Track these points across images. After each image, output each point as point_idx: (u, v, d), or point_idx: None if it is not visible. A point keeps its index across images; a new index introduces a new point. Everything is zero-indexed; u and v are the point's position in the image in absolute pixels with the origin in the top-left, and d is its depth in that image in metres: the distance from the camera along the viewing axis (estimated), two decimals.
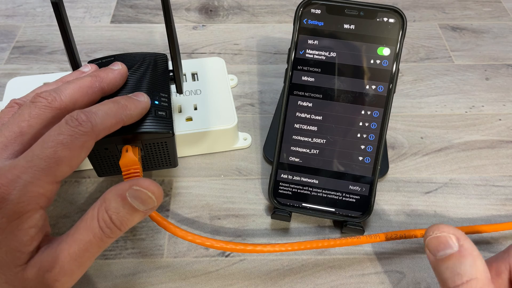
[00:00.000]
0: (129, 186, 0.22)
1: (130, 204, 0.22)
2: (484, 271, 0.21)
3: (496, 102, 0.41)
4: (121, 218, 0.22)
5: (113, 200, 0.22)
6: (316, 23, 0.32)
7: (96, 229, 0.21)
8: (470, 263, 0.21)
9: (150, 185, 0.22)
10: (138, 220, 0.23)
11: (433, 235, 0.23)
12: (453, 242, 0.22)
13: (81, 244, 0.21)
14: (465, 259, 0.21)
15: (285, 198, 0.32)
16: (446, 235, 0.22)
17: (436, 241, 0.23)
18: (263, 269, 0.30)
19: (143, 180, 0.22)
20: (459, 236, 0.22)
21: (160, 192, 0.23)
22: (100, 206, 0.22)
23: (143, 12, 0.50)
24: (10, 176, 0.20)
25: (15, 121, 0.23)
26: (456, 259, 0.22)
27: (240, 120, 0.39)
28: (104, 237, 0.22)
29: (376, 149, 0.31)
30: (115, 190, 0.22)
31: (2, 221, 0.20)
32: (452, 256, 0.22)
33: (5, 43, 0.46)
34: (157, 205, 0.23)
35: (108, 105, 0.24)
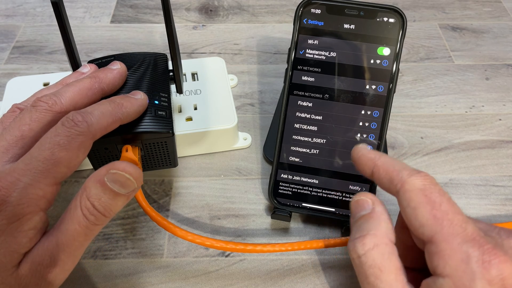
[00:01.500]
0: (106, 171, 0.22)
1: (110, 188, 0.22)
2: (385, 232, 0.22)
3: (496, 102, 0.41)
4: (104, 204, 0.22)
5: (93, 187, 0.22)
6: (316, 23, 0.32)
7: (80, 218, 0.21)
8: (374, 223, 0.23)
9: (126, 167, 0.22)
10: (122, 204, 0.23)
11: (355, 199, 0.25)
12: (369, 205, 0.24)
13: (68, 234, 0.21)
14: (372, 219, 0.23)
15: (285, 198, 0.32)
16: (364, 199, 0.24)
17: (355, 204, 0.24)
18: (263, 269, 0.30)
19: (119, 163, 0.22)
20: (374, 201, 0.24)
21: (138, 172, 0.23)
22: (82, 194, 0.22)
23: (143, 12, 0.50)
24: (10, 179, 0.21)
25: (16, 125, 0.23)
26: (365, 218, 0.23)
27: (240, 120, 0.39)
28: (90, 225, 0.22)
29: (376, 149, 0.31)
30: (94, 176, 0.22)
31: (2, 223, 0.20)
32: (363, 216, 0.23)
33: (5, 43, 0.46)
34: (138, 187, 0.23)
35: (104, 104, 0.24)
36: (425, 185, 0.22)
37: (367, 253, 0.22)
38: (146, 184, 0.35)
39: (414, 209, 0.22)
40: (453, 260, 0.20)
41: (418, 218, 0.21)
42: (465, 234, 0.20)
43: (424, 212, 0.21)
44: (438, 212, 0.21)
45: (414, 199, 0.22)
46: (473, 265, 0.19)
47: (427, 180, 0.22)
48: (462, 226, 0.20)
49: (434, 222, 0.21)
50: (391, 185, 0.23)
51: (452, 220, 0.20)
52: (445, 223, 0.20)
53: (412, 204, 0.22)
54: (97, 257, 0.30)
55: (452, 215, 0.21)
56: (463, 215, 0.21)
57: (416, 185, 0.22)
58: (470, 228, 0.20)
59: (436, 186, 0.22)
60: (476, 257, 0.19)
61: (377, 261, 0.22)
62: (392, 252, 0.22)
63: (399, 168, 0.23)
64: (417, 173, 0.22)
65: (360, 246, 0.22)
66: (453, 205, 0.21)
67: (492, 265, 0.19)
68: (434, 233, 0.21)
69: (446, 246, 0.20)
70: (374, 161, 0.24)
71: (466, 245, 0.20)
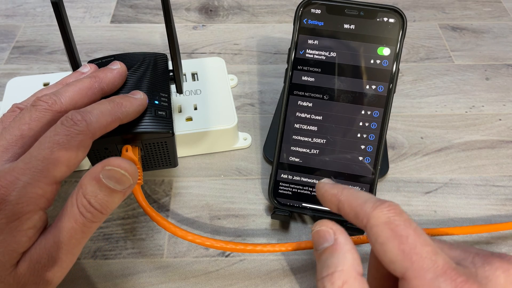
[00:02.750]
0: (101, 167, 0.22)
1: (106, 185, 0.22)
2: (352, 264, 0.21)
3: (496, 102, 0.41)
4: (100, 201, 0.22)
5: (89, 184, 0.22)
6: (316, 23, 0.32)
7: (77, 215, 0.21)
8: (340, 256, 0.22)
9: (121, 163, 0.22)
10: (119, 200, 0.23)
11: (315, 229, 0.23)
12: (331, 236, 0.22)
13: (65, 232, 0.21)
14: (336, 253, 0.22)
15: (285, 198, 0.32)
16: (325, 229, 0.23)
17: (317, 235, 0.23)
18: (263, 269, 0.30)
19: (114, 159, 0.22)
20: (335, 230, 0.23)
21: (133, 168, 0.23)
22: (78, 192, 0.22)
23: (143, 12, 0.50)
24: (10, 178, 0.21)
25: (16, 124, 0.23)
26: (329, 252, 0.22)
27: (240, 120, 0.39)
28: (87, 222, 0.22)
29: (376, 149, 0.31)
30: (89, 173, 0.22)
31: (1, 222, 0.20)
32: (327, 249, 0.22)
33: (5, 43, 0.46)
34: (134, 183, 0.23)
35: (103, 104, 0.24)
36: (389, 218, 0.21)
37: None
38: (146, 184, 0.35)
39: (382, 245, 0.20)
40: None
41: (387, 255, 0.20)
42: (435, 268, 0.19)
43: (392, 248, 0.20)
44: (406, 247, 0.20)
45: (381, 234, 0.20)
46: None
47: (391, 212, 0.21)
48: (432, 259, 0.19)
49: (403, 257, 0.20)
50: (357, 221, 0.22)
51: (420, 254, 0.19)
52: (414, 257, 0.19)
53: (379, 240, 0.21)
54: (97, 257, 0.30)
55: (420, 248, 0.20)
56: (432, 245, 0.20)
57: (381, 218, 0.21)
58: (441, 260, 0.19)
59: (401, 216, 0.21)
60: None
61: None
62: (361, 285, 0.21)
63: (362, 201, 0.22)
64: (381, 204, 0.21)
65: (330, 286, 0.21)
66: (420, 235, 0.20)
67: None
68: (405, 270, 0.20)
69: (418, 282, 0.19)
70: (337, 196, 0.23)
71: (438, 280, 0.19)
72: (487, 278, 0.19)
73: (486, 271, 0.19)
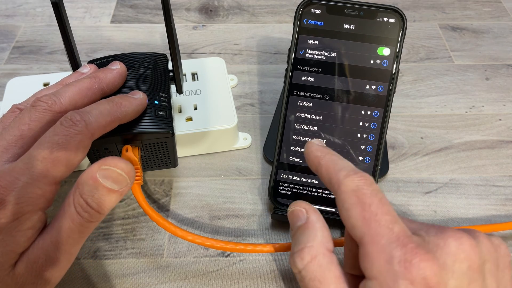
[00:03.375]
0: (98, 167, 0.22)
1: (103, 184, 0.22)
2: (321, 241, 0.22)
3: (496, 102, 0.41)
4: (97, 200, 0.22)
5: (86, 184, 0.22)
6: (316, 23, 0.32)
7: (74, 215, 0.21)
8: (310, 233, 0.23)
9: (118, 163, 0.22)
10: (116, 200, 0.23)
11: (290, 210, 0.25)
12: (304, 215, 0.24)
13: (62, 232, 0.21)
14: (307, 230, 0.23)
15: (285, 198, 0.32)
16: (299, 209, 0.24)
17: (291, 215, 0.24)
18: (263, 269, 0.30)
19: (110, 159, 0.22)
20: (308, 209, 0.24)
21: (129, 168, 0.23)
22: (75, 191, 0.22)
23: (143, 12, 0.50)
24: (9, 178, 0.21)
25: (16, 124, 0.23)
26: (301, 230, 0.23)
27: (240, 120, 0.39)
28: (84, 222, 0.22)
29: (376, 149, 0.31)
30: (86, 173, 0.22)
31: (1, 222, 0.20)
32: (300, 227, 0.23)
33: (5, 43, 0.46)
34: (130, 182, 0.23)
35: (103, 104, 0.24)
36: (358, 186, 0.21)
37: (306, 267, 0.22)
38: (146, 184, 0.35)
39: (347, 210, 0.21)
40: (378, 261, 0.19)
41: (350, 220, 0.21)
42: (390, 235, 0.20)
43: (355, 214, 0.21)
44: (367, 213, 0.20)
45: (347, 200, 0.21)
46: (395, 266, 0.19)
47: (361, 181, 0.21)
48: (388, 226, 0.20)
49: (363, 223, 0.20)
50: (330, 186, 0.23)
51: (379, 221, 0.20)
52: (373, 224, 0.20)
53: (345, 205, 0.21)
54: (97, 257, 0.30)
55: (380, 216, 0.20)
56: (393, 215, 0.20)
57: (350, 186, 0.21)
58: (397, 228, 0.20)
59: (370, 186, 0.21)
60: (398, 257, 0.19)
61: (316, 274, 0.21)
62: (330, 261, 0.22)
63: (338, 168, 0.23)
64: (354, 174, 0.22)
65: (299, 261, 0.22)
66: (383, 205, 0.21)
67: (413, 265, 0.19)
68: (363, 235, 0.20)
69: (372, 248, 0.20)
70: (318, 159, 0.24)
71: (390, 246, 0.19)
72: (438, 245, 0.20)
73: (438, 239, 0.20)
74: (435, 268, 0.19)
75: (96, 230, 0.32)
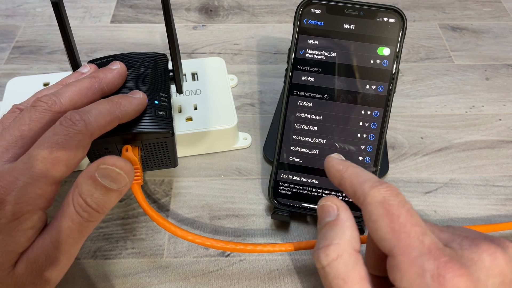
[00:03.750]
0: (96, 166, 0.22)
1: (102, 184, 0.22)
2: (349, 240, 0.22)
3: (496, 102, 0.41)
4: (96, 200, 0.22)
5: (85, 183, 0.22)
6: (316, 23, 0.32)
7: (73, 215, 0.21)
8: (339, 231, 0.22)
9: (116, 161, 0.22)
10: (115, 199, 0.23)
11: (320, 204, 0.24)
12: (334, 211, 0.23)
13: (61, 231, 0.21)
14: (336, 227, 0.23)
15: (285, 198, 0.32)
16: (330, 204, 0.24)
17: (321, 210, 0.24)
18: (263, 269, 0.30)
19: (109, 158, 0.22)
20: (340, 206, 0.23)
21: (128, 167, 0.23)
22: (74, 191, 0.22)
23: (143, 12, 0.50)
24: (9, 178, 0.21)
25: (16, 125, 0.23)
26: (329, 226, 0.23)
27: (240, 120, 0.39)
28: (83, 221, 0.22)
29: (376, 149, 0.31)
30: (85, 172, 0.22)
31: (1, 222, 0.20)
32: (328, 223, 0.23)
33: (5, 43, 0.46)
34: (129, 181, 0.23)
35: (102, 103, 0.24)
36: (385, 198, 0.21)
37: (330, 263, 0.22)
38: (146, 184, 0.35)
39: (374, 222, 0.21)
40: (409, 273, 0.19)
41: (378, 232, 0.21)
42: (421, 247, 0.20)
43: (383, 226, 0.21)
44: (396, 225, 0.20)
45: (374, 212, 0.21)
46: (428, 279, 0.19)
47: (387, 192, 0.21)
48: (419, 238, 0.20)
49: (392, 235, 0.20)
50: (355, 198, 0.23)
51: (409, 232, 0.20)
52: (402, 236, 0.20)
53: (373, 217, 0.21)
54: (97, 257, 0.30)
55: (409, 227, 0.20)
56: (422, 226, 0.20)
57: (377, 197, 0.21)
58: (428, 240, 0.20)
59: (396, 197, 0.21)
60: (431, 270, 0.19)
61: (341, 272, 0.21)
62: (356, 261, 0.22)
63: (362, 180, 0.23)
64: (380, 185, 0.22)
65: (324, 257, 0.22)
66: (412, 216, 0.21)
67: (446, 280, 0.18)
68: (393, 247, 0.20)
69: (403, 259, 0.20)
70: (341, 173, 0.24)
71: (422, 259, 0.19)
72: (472, 260, 0.19)
73: (472, 253, 0.20)
74: (469, 283, 0.19)
75: (96, 230, 0.32)
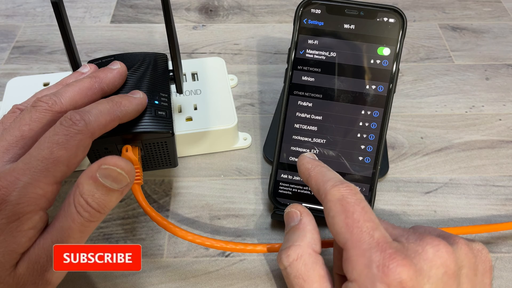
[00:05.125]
0: (98, 166, 0.22)
1: (103, 184, 0.22)
2: (309, 242, 0.24)
3: (496, 102, 0.41)
4: (97, 200, 0.22)
5: (86, 183, 0.21)
6: (316, 23, 0.32)
7: (74, 215, 0.21)
8: (300, 234, 0.24)
9: (117, 161, 0.22)
10: (117, 199, 0.23)
11: (286, 211, 0.27)
12: (297, 216, 0.26)
13: (62, 232, 0.21)
14: (298, 230, 0.25)
15: (285, 198, 0.32)
16: (294, 210, 0.26)
17: (286, 216, 0.27)
18: (263, 269, 0.30)
19: (110, 158, 0.22)
20: (302, 212, 0.26)
21: (129, 167, 0.23)
22: (75, 191, 0.22)
23: (143, 12, 0.50)
24: (10, 178, 0.21)
25: (16, 125, 0.23)
26: (293, 230, 0.25)
27: (240, 120, 0.39)
28: (84, 222, 0.21)
29: (376, 149, 0.31)
30: (86, 172, 0.22)
31: (2, 222, 0.20)
32: (292, 228, 0.25)
33: (5, 43, 0.46)
34: (131, 181, 0.23)
35: (102, 103, 0.24)
36: (343, 196, 0.23)
37: (291, 264, 0.23)
38: (146, 184, 0.35)
39: (332, 218, 0.23)
40: (358, 265, 0.21)
41: (335, 227, 0.22)
42: (371, 240, 0.21)
43: (339, 221, 0.22)
44: (350, 220, 0.22)
45: (333, 208, 0.23)
46: (374, 270, 0.20)
47: (346, 191, 0.23)
48: (370, 233, 0.21)
49: (346, 229, 0.22)
50: (318, 195, 0.24)
51: (361, 227, 0.21)
52: (355, 230, 0.21)
53: (331, 213, 0.23)
54: None
55: (362, 223, 0.22)
56: (375, 222, 0.22)
57: (336, 195, 0.23)
58: (377, 234, 0.21)
59: (354, 196, 0.23)
60: (377, 261, 0.20)
61: (301, 271, 0.23)
62: (315, 261, 0.23)
63: (326, 179, 0.24)
64: (340, 184, 0.23)
65: (285, 258, 0.24)
66: (366, 213, 0.22)
67: (390, 269, 0.20)
68: (346, 240, 0.22)
69: (353, 252, 0.21)
70: (309, 171, 0.26)
71: (370, 251, 0.21)
72: (416, 252, 0.21)
73: (416, 246, 0.21)
74: (411, 273, 0.20)
75: (96, 230, 0.32)
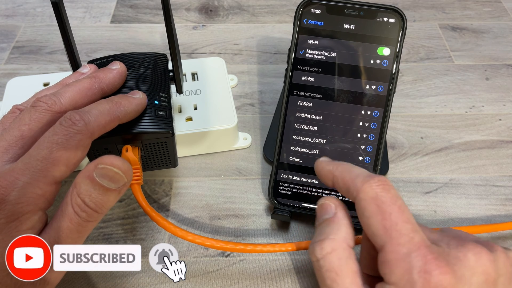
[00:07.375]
0: (94, 166, 0.22)
1: (100, 183, 0.22)
2: (344, 236, 0.23)
3: (496, 102, 0.41)
4: (95, 200, 0.22)
5: (83, 183, 0.22)
6: (316, 23, 0.32)
7: (72, 215, 0.21)
8: (335, 227, 0.23)
9: (114, 161, 0.22)
10: (114, 199, 0.23)
11: (319, 203, 0.25)
12: (332, 209, 0.24)
13: (60, 232, 0.21)
14: (333, 223, 0.24)
15: (285, 198, 0.32)
16: (328, 203, 0.25)
17: (320, 208, 0.25)
18: (263, 269, 0.30)
19: (106, 157, 0.22)
20: (337, 205, 0.24)
21: (126, 166, 0.23)
22: (72, 191, 0.22)
23: (143, 12, 0.50)
24: (9, 178, 0.21)
25: (16, 125, 0.23)
26: (327, 223, 0.24)
27: (240, 120, 0.39)
28: (82, 222, 0.21)
29: (376, 149, 0.31)
30: (83, 172, 0.22)
31: (1, 222, 0.20)
32: (326, 220, 0.24)
33: (5, 43, 0.46)
34: (128, 181, 0.23)
35: (102, 103, 0.24)
36: (377, 194, 0.22)
37: (325, 257, 0.22)
38: (146, 184, 0.35)
39: (367, 218, 0.22)
40: (398, 269, 0.20)
41: (371, 228, 0.22)
42: (411, 244, 0.20)
43: (375, 222, 0.21)
44: (388, 222, 0.21)
45: (367, 208, 0.22)
46: (415, 276, 0.20)
47: (379, 187, 0.22)
48: (409, 235, 0.21)
49: (384, 232, 0.21)
50: (348, 194, 0.23)
51: (400, 230, 0.21)
52: (394, 233, 0.21)
53: (366, 213, 0.22)
54: None
55: (401, 225, 0.21)
56: (413, 223, 0.21)
57: (369, 193, 0.22)
58: (418, 237, 0.21)
59: (388, 193, 0.22)
60: (418, 267, 0.20)
61: (334, 265, 0.22)
62: (349, 256, 0.22)
63: (354, 175, 0.23)
64: (371, 179, 0.22)
65: (319, 250, 0.23)
66: (403, 212, 0.21)
67: (432, 276, 0.19)
68: (384, 243, 0.21)
69: (393, 256, 0.20)
70: (332, 172, 0.25)
71: (411, 256, 0.20)
72: (458, 258, 0.20)
73: (458, 252, 0.21)
74: (453, 280, 0.19)
75: (96, 230, 0.32)
